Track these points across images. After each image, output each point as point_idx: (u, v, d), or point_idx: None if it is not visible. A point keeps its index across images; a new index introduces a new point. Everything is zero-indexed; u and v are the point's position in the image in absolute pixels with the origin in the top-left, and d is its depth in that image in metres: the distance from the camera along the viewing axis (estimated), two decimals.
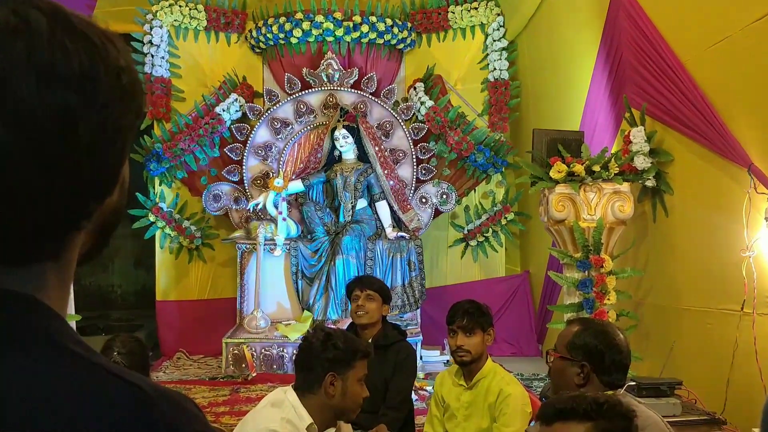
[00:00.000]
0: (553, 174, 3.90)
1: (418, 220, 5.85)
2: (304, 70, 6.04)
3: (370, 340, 2.90)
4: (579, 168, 3.85)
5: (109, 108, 0.54)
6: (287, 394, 2.03)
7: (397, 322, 4.35)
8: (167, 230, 6.26)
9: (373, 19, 6.09)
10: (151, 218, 6.20)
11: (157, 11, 6.28)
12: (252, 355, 5.21)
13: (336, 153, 5.86)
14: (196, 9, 6.41)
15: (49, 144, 0.51)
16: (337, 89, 6.01)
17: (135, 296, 8.13)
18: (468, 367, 2.65)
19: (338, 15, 6.06)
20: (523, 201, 6.35)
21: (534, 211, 5.73)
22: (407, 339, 3.21)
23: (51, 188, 0.52)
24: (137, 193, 6.20)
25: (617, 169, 3.87)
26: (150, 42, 6.20)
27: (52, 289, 0.56)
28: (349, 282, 3.30)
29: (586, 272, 3.84)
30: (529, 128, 5.41)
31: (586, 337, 1.94)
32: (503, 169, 6.18)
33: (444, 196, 6.01)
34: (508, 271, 6.47)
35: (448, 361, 5.18)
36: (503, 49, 6.30)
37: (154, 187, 6.25)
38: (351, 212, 5.71)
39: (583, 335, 1.94)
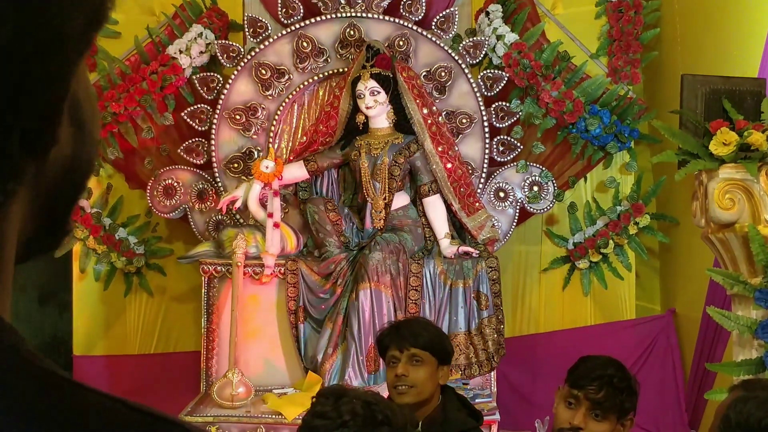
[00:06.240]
0: (715, 148, 3.90)
1: (493, 227, 5.82)
2: None
3: (419, 428, 2.89)
4: (758, 137, 3.85)
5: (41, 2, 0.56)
6: None
7: (460, 393, 4.34)
8: (92, 244, 6.31)
9: None
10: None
11: None
12: None
13: (360, 119, 5.84)
14: None
15: None
16: (361, 16, 5.98)
17: (39, 350, 8.27)
18: None
19: None
20: (666, 195, 6.21)
21: (683, 212, 5.61)
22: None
23: None
24: None
25: None
26: None
27: None
28: (381, 333, 3.28)
29: None
30: (674, 76, 5.33)
31: (750, 409, 1.90)
32: (632, 144, 6.09)
33: (535, 189, 5.98)
34: (640, 310, 6.34)
35: None
36: None
37: None
38: (384, 214, 5.69)
39: (741, 407, 1.90)
